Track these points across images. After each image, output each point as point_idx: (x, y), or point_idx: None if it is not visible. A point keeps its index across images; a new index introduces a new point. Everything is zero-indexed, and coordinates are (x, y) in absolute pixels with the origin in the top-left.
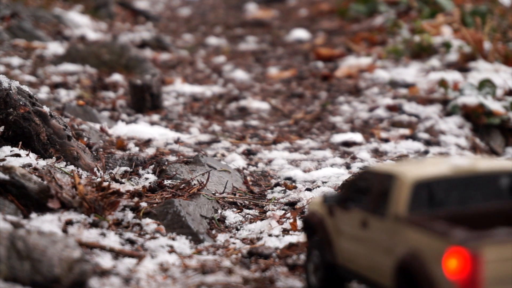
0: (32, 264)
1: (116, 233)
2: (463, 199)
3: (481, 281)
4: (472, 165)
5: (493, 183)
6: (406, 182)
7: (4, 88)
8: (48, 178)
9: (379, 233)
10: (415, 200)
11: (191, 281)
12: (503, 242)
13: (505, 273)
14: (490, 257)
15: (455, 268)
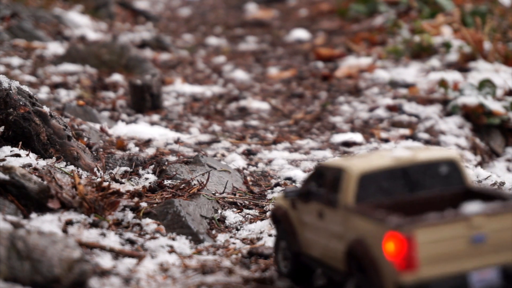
0: (32, 264)
1: (116, 233)
2: (405, 188)
3: (416, 261)
4: (412, 156)
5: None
6: (353, 174)
7: (4, 88)
8: (48, 178)
9: (333, 223)
10: (361, 190)
11: (191, 281)
12: (433, 225)
13: (437, 253)
14: (422, 239)
15: (393, 250)
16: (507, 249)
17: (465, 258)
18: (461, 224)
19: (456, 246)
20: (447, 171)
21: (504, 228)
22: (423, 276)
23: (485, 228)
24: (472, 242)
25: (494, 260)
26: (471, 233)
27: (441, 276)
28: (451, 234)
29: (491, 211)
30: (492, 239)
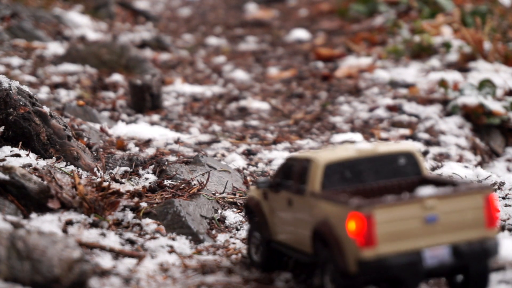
0: (32, 264)
1: (116, 233)
2: (366, 177)
3: (375, 238)
4: (373, 148)
5: (392, 162)
6: (319, 164)
7: (4, 88)
8: (48, 178)
9: (301, 209)
10: (327, 179)
11: (191, 281)
12: (390, 206)
13: (393, 231)
14: (380, 218)
15: (354, 229)
16: (458, 230)
17: (419, 236)
18: (416, 205)
19: (411, 225)
20: (405, 162)
21: (455, 210)
22: (381, 252)
23: (437, 209)
24: (426, 222)
25: (445, 239)
26: (424, 213)
27: (398, 253)
28: (407, 214)
29: (442, 194)
30: (443, 220)
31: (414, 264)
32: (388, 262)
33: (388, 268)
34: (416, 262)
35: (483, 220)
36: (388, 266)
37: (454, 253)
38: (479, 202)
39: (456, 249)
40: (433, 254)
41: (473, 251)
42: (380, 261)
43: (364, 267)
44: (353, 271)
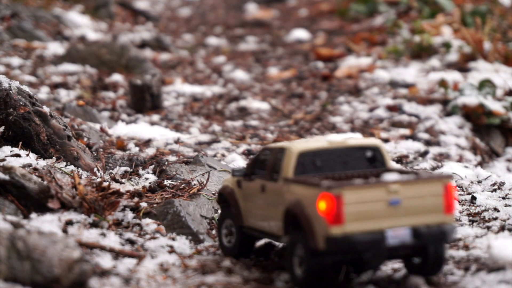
0: (32, 264)
1: (116, 233)
2: (335, 166)
3: (343, 217)
4: (343, 141)
5: (360, 154)
6: (293, 152)
7: (4, 88)
8: (48, 178)
9: (273, 194)
10: (299, 166)
11: (191, 281)
12: (358, 188)
13: (360, 212)
14: (348, 199)
15: (324, 208)
16: (418, 213)
17: (383, 217)
18: (381, 189)
19: (376, 207)
20: (372, 155)
21: (416, 196)
22: (348, 230)
23: (401, 194)
24: (389, 204)
25: (407, 221)
26: (389, 197)
27: (363, 231)
28: (372, 197)
29: (405, 180)
30: (406, 204)
31: (377, 242)
32: (354, 239)
33: (353, 244)
34: (379, 241)
35: (442, 206)
36: (354, 243)
37: (414, 234)
38: (439, 189)
39: (416, 231)
40: (395, 234)
41: (432, 234)
42: (346, 237)
43: (332, 243)
44: (322, 247)
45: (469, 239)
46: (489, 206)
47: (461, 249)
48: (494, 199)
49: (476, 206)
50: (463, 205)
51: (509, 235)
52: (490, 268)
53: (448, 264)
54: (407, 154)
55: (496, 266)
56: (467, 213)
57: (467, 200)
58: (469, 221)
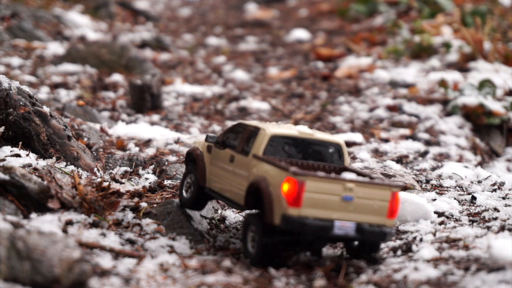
0: (32, 264)
1: (116, 233)
2: (300, 155)
3: (301, 201)
4: (312, 133)
5: (323, 148)
6: (266, 133)
7: (4, 88)
8: (48, 178)
9: (241, 166)
10: (269, 147)
11: (191, 281)
12: (319, 179)
13: (316, 200)
14: (309, 187)
15: (287, 190)
16: (365, 213)
17: (335, 210)
18: (339, 185)
19: (331, 199)
20: (333, 151)
21: (367, 197)
22: (303, 214)
23: (354, 192)
24: (343, 199)
25: (354, 217)
26: (343, 193)
27: (315, 217)
28: (330, 190)
29: (361, 181)
30: (356, 202)
31: (325, 229)
32: (306, 221)
33: (304, 226)
34: (327, 229)
35: (386, 211)
36: (305, 225)
37: (357, 229)
38: (387, 195)
39: (359, 227)
40: (341, 226)
41: (372, 232)
42: (300, 219)
43: (287, 221)
44: (277, 223)
45: (469, 239)
46: (489, 206)
47: (461, 249)
48: (494, 199)
49: (476, 206)
50: (463, 205)
51: (509, 235)
52: (490, 268)
53: (448, 264)
54: (407, 154)
55: (496, 266)
56: (467, 213)
57: (467, 200)
58: (469, 221)
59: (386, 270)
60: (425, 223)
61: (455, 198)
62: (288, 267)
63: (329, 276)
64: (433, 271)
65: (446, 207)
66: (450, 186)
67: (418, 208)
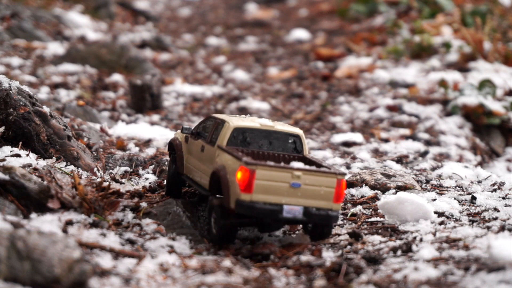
0: (32, 264)
1: (116, 233)
2: (261, 144)
3: (252, 188)
4: (272, 125)
5: (283, 139)
6: (230, 126)
7: (4, 88)
8: (48, 178)
9: (208, 155)
10: (232, 138)
11: (191, 281)
12: (269, 168)
13: (267, 186)
14: (259, 175)
15: (240, 178)
16: (312, 198)
17: (284, 195)
18: (287, 173)
19: (280, 185)
20: (293, 142)
21: (313, 184)
22: (254, 199)
23: (302, 180)
24: (291, 186)
25: (302, 202)
26: (292, 180)
27: (265, 202)
28: (279, 177)
29: (308, 169)
30: (304, 188)
31: (274, 213)
32: (256, 205)
33: (255, 210)
34: (276, 212)
35: (333, 196)
36: (256, 209)
37: (305, 213)
38: (333, 182)
39: (307, 210)
40: (289, 209)
41: (319, 216)
42: (251, 203)
43: (240, 206)
44: (232, 208)
45: (469, 239)
46: (489, 206)
47: (461, 249)
48: (494, 199)
49: (476, 206)
50: (463, 205)
51: (509, 235)
52: (490, 268)
53: (448, 264)
54: (407, 154)
55: (496, 266)
56: (467, 213)
57: (467, 200)
58: (469, 221)
59: (386, 270)
60: (425, 223)
61: (455, 198)
62: (288, 267)
63: (329, 276)
64: (433, 271)
65: (446, 207)
66: (450, 186)
67: (418, 208)
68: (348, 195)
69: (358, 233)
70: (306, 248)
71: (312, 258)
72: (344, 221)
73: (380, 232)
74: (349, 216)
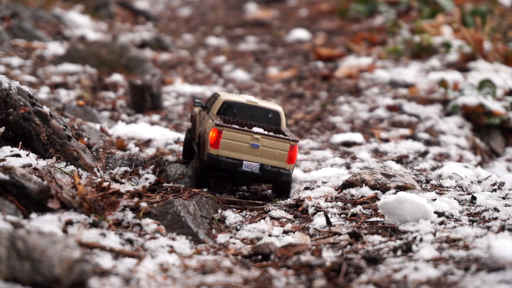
0: (32, 264)
1: (116, 233)
2: (246, 116)
3: (219, 144)
4: (257, 101)
5: (265, 114)
6: (221, 99)
7: (4, 88)
8: (48, 178)
9: (206, 120)
10: (221, 109)
11: (191, 281)
12: (233, 130)
13: (231, 144)
14: (225, 135)
15: (211, 136)
16: (268, 157)
17: (244, 153)
18: (248, 135)
19: (241, 145)
20: (273, 116)
21: (270, 146)
22: (220, 153)
23: (260, 142)
24: (251, 146)
25: (259, 160)
26: (251, 141)
27: (228, 156)
28: (241, 138)
29: (265, 134)
30: (262, 149)
31: (235, 165)
32: (221, 158)
33: (220, 162)
34: (236, 165)
35: (286, 158)
36: (221, 161)
37: (260, 169)
38: (286, 147)
39: (262, 167)
40: (248, 164)
41: (272, 172)
42: (217, 156)
43: (209, 158)
44: (205, 159)
45: (469, 239)
46: (489, 206)
47: (461, 249)
48: (494, 199)
49: (476, 206)
50: (463, 205)
51: (509, 235)
52: (490, 268)
53: (448, 264)
54: (407, 154)
55: (496, 266)
56: (467, 213)
57: (467, 200)
58: (469, 221)
59: (386, 270)
60: (425, 223)
61: (455, 198)
62: (288, 267)
63: (329, 276)
64: (433, 271)
65: (446, 207)
66: (450, 186)
67: (418, 208)
68: (348, 195)
69: (358, 233)
70: (306, 248)
71: (312, 258)
72: (345, 221)
73: (380, 232)
74: (349, 216)
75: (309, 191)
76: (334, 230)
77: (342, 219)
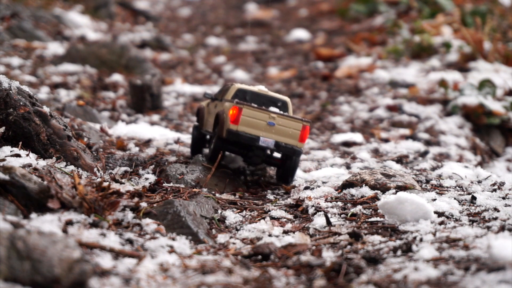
0: (32, 264)
1: (116, 233)
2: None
3: (239, 121)
4: (267, 91)
5: (273, 102)
6: (235, 87)
7: (4, 88)
8: (48, 178)
9: (221, 105)
10: (235, 95)
11: (191, 281)
12: (252, 108)
13: (250, 121)
14: (245, 113)
15: (231, 113)
16: (282, 135)
17: (261, 130)
18: (266, 114)
19: (259, 122)
20: (281, 105)
21: (285, 125)
22: (239, 129)
23: (276, 120)
24: (267, 124)
25: (274, 137)
26: (268, 119)
27: (247, 132)
28: (259, 116)
29: (281, 114)
30: (277, 127)
31: (253, 140)
32: (241, 133)
33: (239, 136)
34: (254, 140)
35: (298, 137)
36: (240, 136)
37: (276, 145)
38: (299, 126)
39: (277, 143)
40: (264, 140)
41: (285, 148)
42: (237, 131)
43: (229, 133)
44: (224, 136)
45: (469, 239)
46: (489, 206)
47: (461, 249)
48: (494, 199)
49: (476, 206)
50: (463, 205)
51: (509, 235)
52: (490, 268)
53: (448, 264)
54: (407, 154)
55: (496, 266)
56: (467, 213)
57: (467, 200)
58: (469, 221)
59: (386, 270)
60: (425, 223)
61: (455, 198)
62: (288, 267)
63: (329, 276)
64: (433, 271)
65: (446, 207)
66: (450, 186)
67: (418, 208)
68: (348, 195)
69: (358, 233)
70: (306, 248)
71: (312, 258)
72: (345, 221)
73: (380, 232)
74: (349, 216)
75: (309, 191)
76: (334, 230)
77: (342, 219)
